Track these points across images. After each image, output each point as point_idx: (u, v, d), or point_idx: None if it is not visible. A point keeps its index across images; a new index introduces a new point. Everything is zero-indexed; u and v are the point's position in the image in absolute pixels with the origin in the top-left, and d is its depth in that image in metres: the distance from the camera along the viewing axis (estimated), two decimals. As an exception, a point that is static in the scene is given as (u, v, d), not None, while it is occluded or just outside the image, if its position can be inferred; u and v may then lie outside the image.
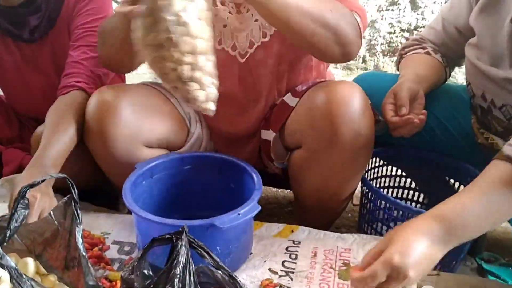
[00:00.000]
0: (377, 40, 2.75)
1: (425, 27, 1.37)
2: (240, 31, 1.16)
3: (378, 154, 1.34)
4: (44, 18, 1.32)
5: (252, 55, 1.18)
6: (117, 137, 1.13)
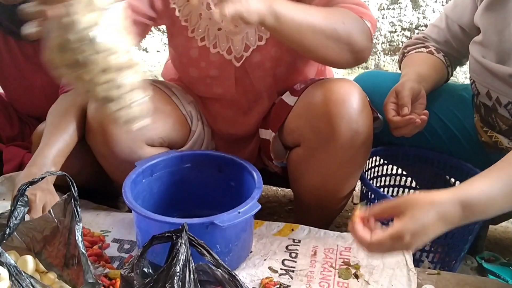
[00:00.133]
0: (378, 39, 2.75)
1: (428, 26, 1.37)
2: (235, 34, 1.15)
3: (378, 153, 1.34)
4: None
5: (248, 58, 1.18)
6: (119, 136, 1.13)
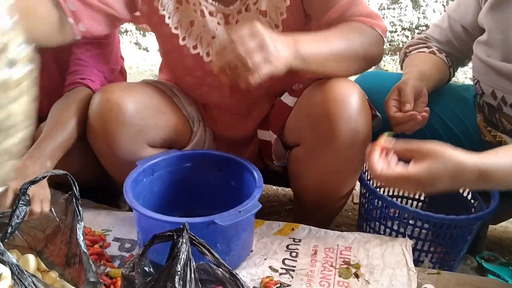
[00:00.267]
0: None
1: (430, 26, 1.37)
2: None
3: (378, 152, 1.34)
4: None
5: None
6: (121, 136, 1.13)
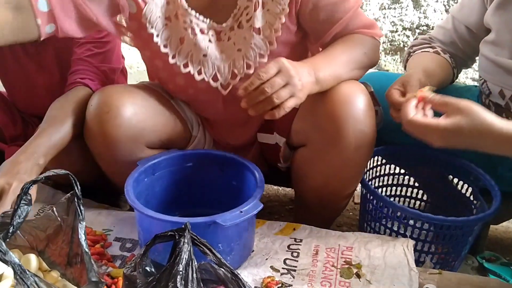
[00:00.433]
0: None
1: (434, 27, 1.37)
2: (221, 61, 1.12)
3: (379, 152, 1.34)
4: None
5: (236, 85, 1.14)
6: (119, 138, 1.13)
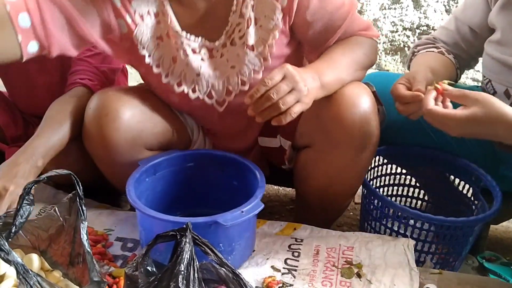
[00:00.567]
0: (379, 39, 2.74)
1: (437, 28, 1.37)
2: (215, 78, 1.12)
3: (380, 152, 1.34)
4: None
5: (231, 101, 1.14)
6: (118, 141, 1.12)
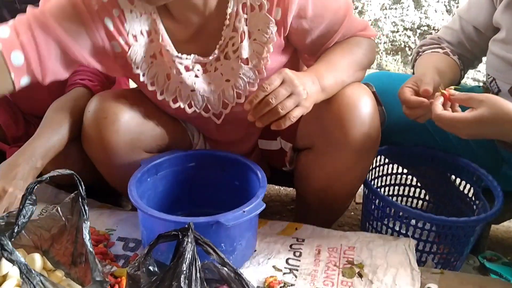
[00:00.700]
0: (380, 39, 2.75)
1: (441, 28, 1.37)
2: (210, 93, 1.12)
3: (381, 152, 1.34)
4: None
5: (228, 113, 1.15)
6: (117, 144, 1.12)
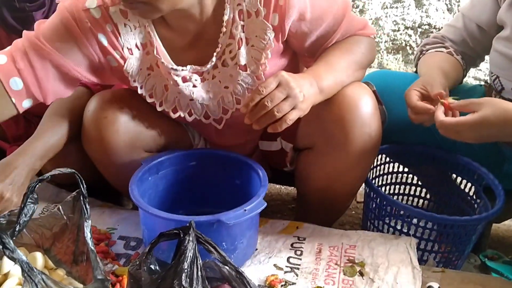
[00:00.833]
0: (381, 38, 2.75)
1: (443, 26, 1.37)
2: (209, 100, 1.11)
3: (383, 151, 1.34)
4: (49, 13, 1.32)
5: (228, 119, 1.15)
6: (117, 143, 1.13)
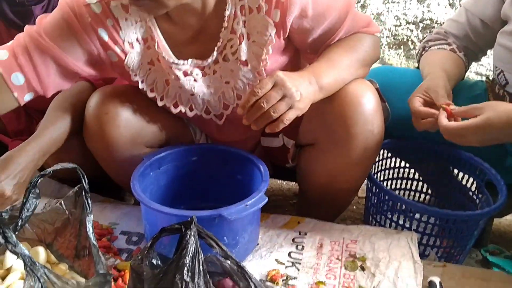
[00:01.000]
0: (382, 33, 2.74)
1: (446, 21, 1.36)
2: (210, 95, 1.12)
3: (384, 146, 1.34)
4: (48, 8, 1.32)
5: (229, 114, 1.15)
6: (119, 139, 1.13)
